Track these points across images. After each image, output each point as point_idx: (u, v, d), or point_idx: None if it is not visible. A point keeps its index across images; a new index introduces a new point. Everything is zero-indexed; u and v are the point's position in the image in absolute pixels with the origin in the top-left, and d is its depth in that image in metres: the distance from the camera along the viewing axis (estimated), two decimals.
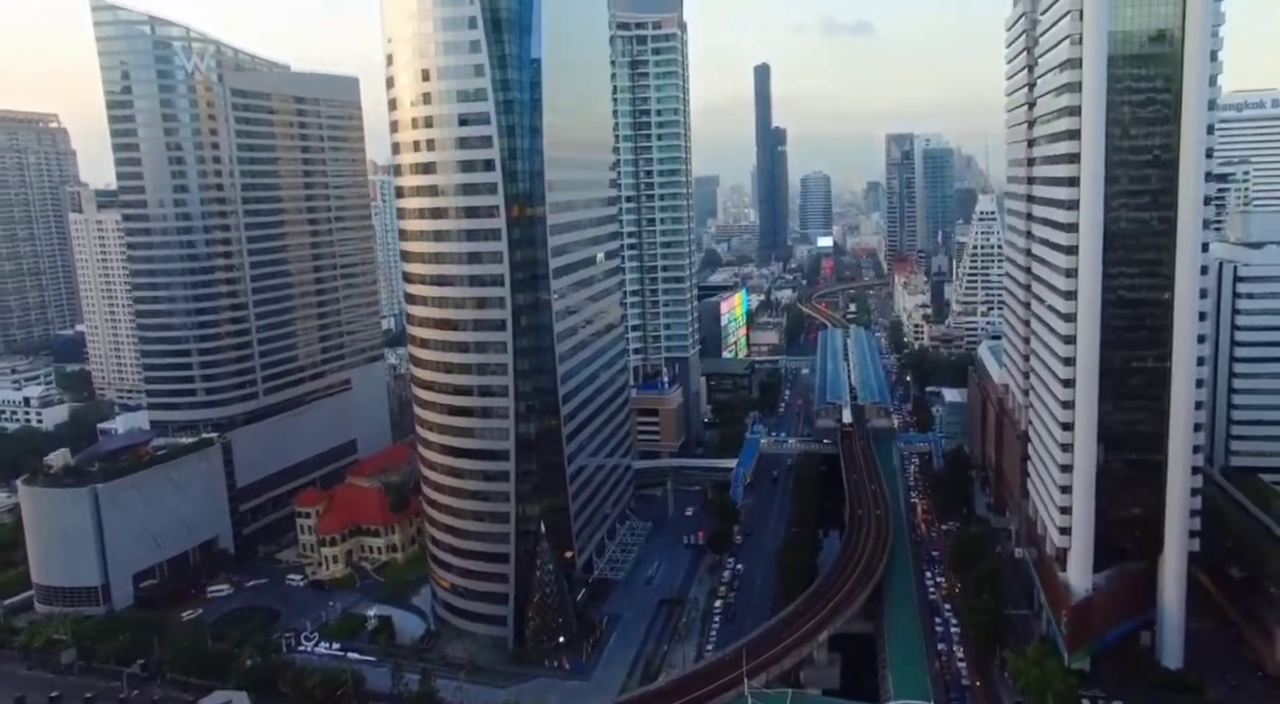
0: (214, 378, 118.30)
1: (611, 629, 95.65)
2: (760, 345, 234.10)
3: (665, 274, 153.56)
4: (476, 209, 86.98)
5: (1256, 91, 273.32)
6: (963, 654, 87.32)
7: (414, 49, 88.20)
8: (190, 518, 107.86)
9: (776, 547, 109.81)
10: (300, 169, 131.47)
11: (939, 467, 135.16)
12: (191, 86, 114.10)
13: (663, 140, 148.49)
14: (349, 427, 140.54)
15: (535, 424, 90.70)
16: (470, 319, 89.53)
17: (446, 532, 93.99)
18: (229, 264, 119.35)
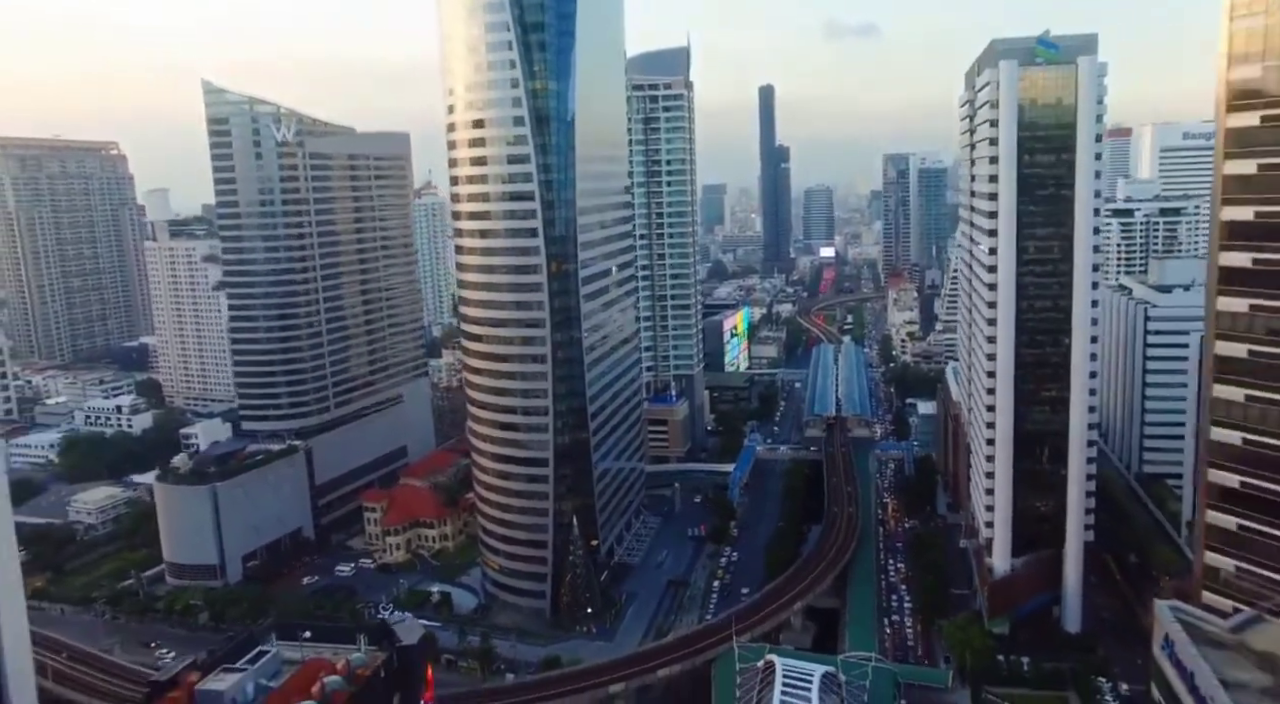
0: (295, 394, 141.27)
1: (629, 604, 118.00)
2: (761, 358, 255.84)
3: (674, 302, 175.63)
4: (523, 267, 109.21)
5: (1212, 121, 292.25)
6: (912, 623, 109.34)
7: (471, 138, 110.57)
8: (281, 511, 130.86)
9: (766, 539, 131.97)
10: (359, 212, 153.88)
11: (909, 472, 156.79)
12: (279, 152, 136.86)
13: (672, 186, 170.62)
14: (400, 434, 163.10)
15: (569, 437, 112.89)
16: (517, 353, 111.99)
17: (496, 523, 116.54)
18: (307, 297, 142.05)
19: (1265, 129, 45.78)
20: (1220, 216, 46.27)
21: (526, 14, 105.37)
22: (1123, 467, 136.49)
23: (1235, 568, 46.30)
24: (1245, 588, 45.97)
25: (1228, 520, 46.02)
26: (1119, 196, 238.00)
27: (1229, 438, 45.06)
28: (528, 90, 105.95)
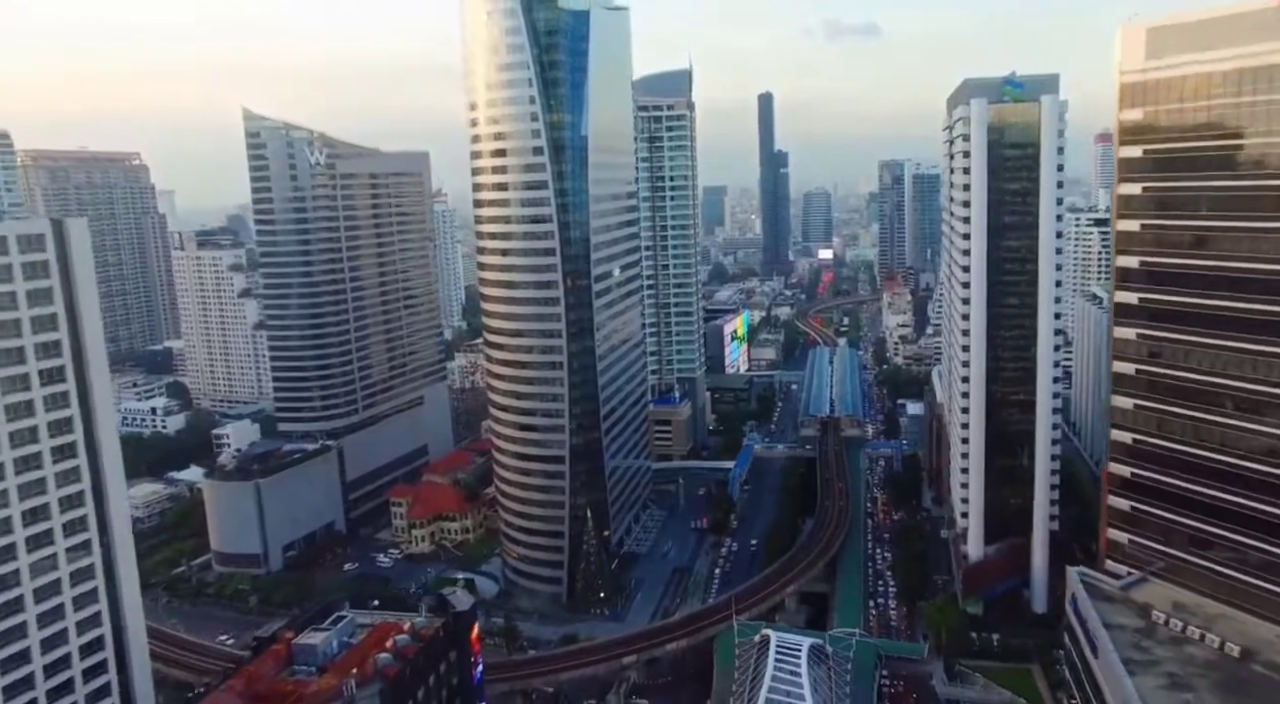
0: (327, 397, 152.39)
1: (637, 589, 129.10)
2: (760, 360, 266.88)
3: (677, 309, 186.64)
4: (541, 282, 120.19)
5: None
6: (896, 605, 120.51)
7: (494, 166, 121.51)
8: (317, 505, 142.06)
9: (764, 531, 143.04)
10: (383, 227, 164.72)
11: (898, 468, 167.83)
12: (312, 173, 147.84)
13: (674, 201, 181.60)
14: (422, 434, 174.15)
15: (582, 437, 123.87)
16: (536, 361, 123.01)
17: (517, 515, 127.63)
18: (337, 307, 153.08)
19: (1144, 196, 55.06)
20: (1115, 263, 57.02)
21: (545, 54, 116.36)
22: (1093, 463, 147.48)
23: (1129, 541, 56.85)
24: (1137, 556, 56.55)
25: (1124, 503, 56.42)
26: (1101, 206, 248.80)
27: (1123, 438, 55.36)
28: (546, 123, 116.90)
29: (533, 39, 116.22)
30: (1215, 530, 52.01)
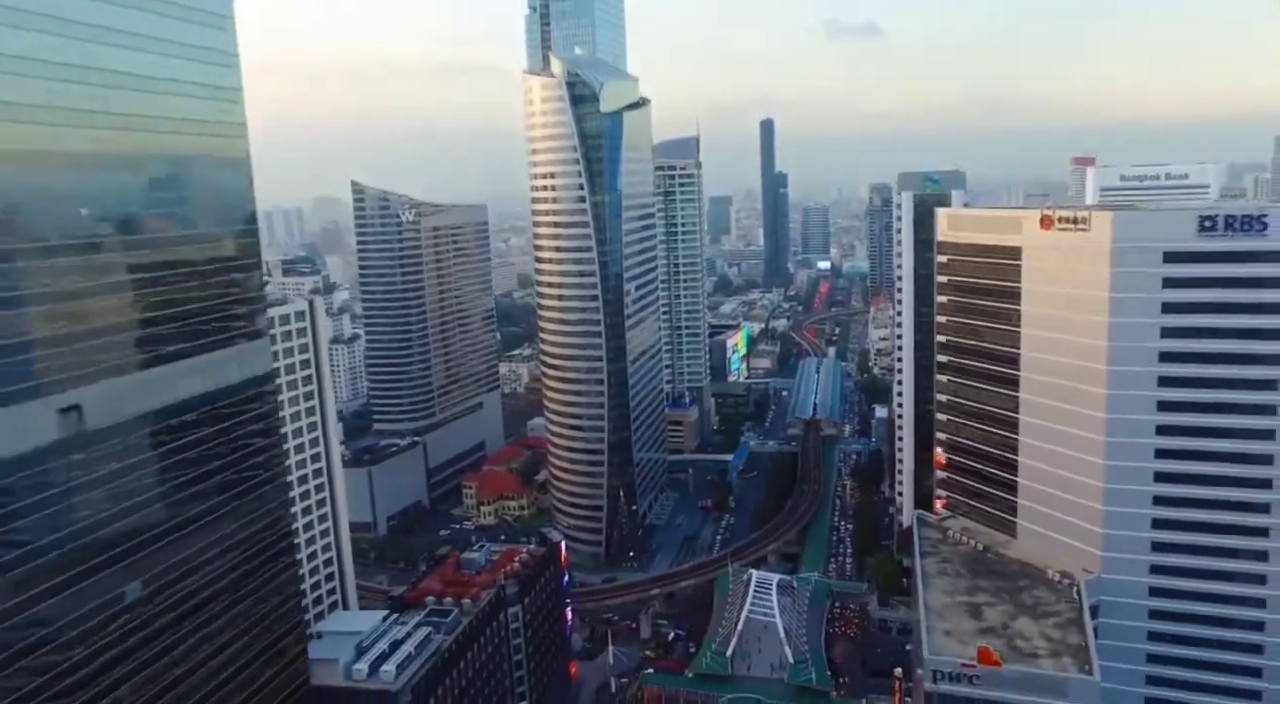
0: (414, 402, 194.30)
1: (657, 550, 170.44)
2: (758, 369, 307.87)
3: (687, 330, 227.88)
4: (586, 320, 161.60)
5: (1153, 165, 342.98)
6: (851, 561, 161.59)
7: (552, 233, 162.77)
8: (409, 486, 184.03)
9: (755, 508, 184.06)
10: (452, 265, 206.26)
11: (865, 462, 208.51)
12: (402, 228, 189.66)
13: (685, 243, 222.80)
14: (481, 432, 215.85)
15: (616, 435, 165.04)
16: (582, 378, 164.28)
17: (566, 494, 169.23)
18: (421, 330, 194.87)
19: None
20: (936, 340, 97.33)
21: (590, 151, 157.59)
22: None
23: (945, 495, 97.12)
24: (949, 503, 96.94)
25: (943, 474, 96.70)
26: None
27: (941, 437, 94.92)
28: (590, 202, 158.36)
29: (580, 140, 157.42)
30: (981, 488, 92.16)
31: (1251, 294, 71.80)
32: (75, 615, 50.64)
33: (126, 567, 53.32)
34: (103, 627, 52.45)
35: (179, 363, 57.88)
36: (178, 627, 56.70)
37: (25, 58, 49.17)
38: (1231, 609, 75.52)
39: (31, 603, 48.42)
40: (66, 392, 49.30)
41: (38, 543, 48.69)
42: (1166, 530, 76.75)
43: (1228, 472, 74.21)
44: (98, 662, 52.06)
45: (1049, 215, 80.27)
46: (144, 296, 57.73)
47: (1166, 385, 75.17)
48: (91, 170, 54.66)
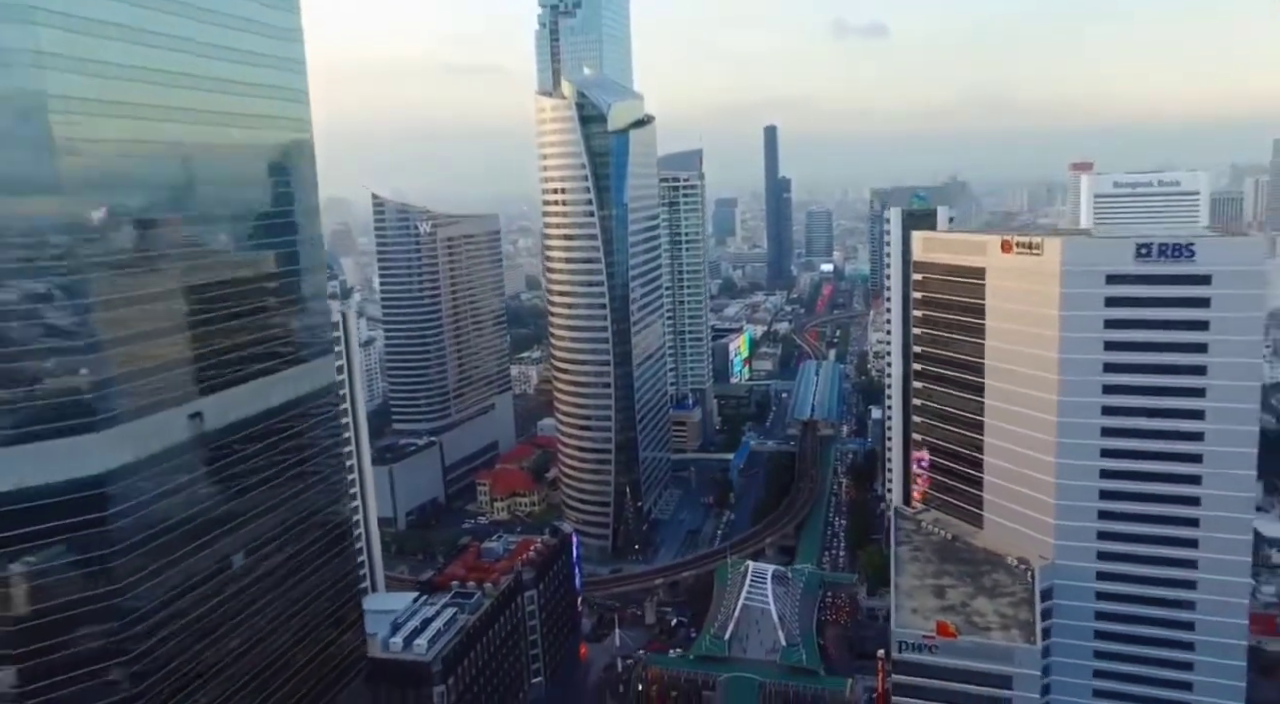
0: (430, 404, 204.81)
1: (661, 544, 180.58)
2: (760, 371, 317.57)
3: (690, 334, 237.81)
4: (594, 327, 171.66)
5: (1146, 172, 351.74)
6: (844, 554, 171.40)
7: (562, 245, 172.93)
8: (427, 483, 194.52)
9: (754, 505, 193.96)
10: (467, 274, 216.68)
11: (860, 461, 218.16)
12: (419, 238, 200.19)
13: (689, 251, 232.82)
14: (494, 432, 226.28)
15: (623, 435, 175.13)
16: (591, 382, 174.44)
17: (576, 490, 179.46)
18: (437, 335, 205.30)
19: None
20: (913, 350, 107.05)
21: (597, 170, 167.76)
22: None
23: (922, 490, 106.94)
24: (925, 497, 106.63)
25: (918, 470, 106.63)
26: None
27: (918, 438, 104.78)
28: (599, 217, 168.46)
29: (588, 157, 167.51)
30: (952, 483, 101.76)
31: (1181, 312, 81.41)
32: (200, 576, 62.95)
33: (234, 540, 64.43)
34: (219, 588, 64.75)
35: (269, 377, 69.58)
36: (268, 591, 67.96)
37: (144, 67, 60.04)
38: (1167, 590, 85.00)
39: (172, 565, 60.96)
40: (193, 401, 60.73)
41: (175, 518, 61.10)
42: (1111, 521, 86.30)
43: (1162, 469, 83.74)
44: (217, 613, 64.34)
45: (1008, 241, 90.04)
46: (247, 323, 69.58)
47: (1109, 392, 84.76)
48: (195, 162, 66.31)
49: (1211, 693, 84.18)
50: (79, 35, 54.49)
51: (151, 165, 62.68)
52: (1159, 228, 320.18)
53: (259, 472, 68.82)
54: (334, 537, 79.66)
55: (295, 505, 74.08)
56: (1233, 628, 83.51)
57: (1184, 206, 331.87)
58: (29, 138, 53.33)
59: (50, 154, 53.87)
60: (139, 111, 59.85)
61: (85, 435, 53.76)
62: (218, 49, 66.81)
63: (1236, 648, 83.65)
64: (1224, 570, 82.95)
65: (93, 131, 56.06)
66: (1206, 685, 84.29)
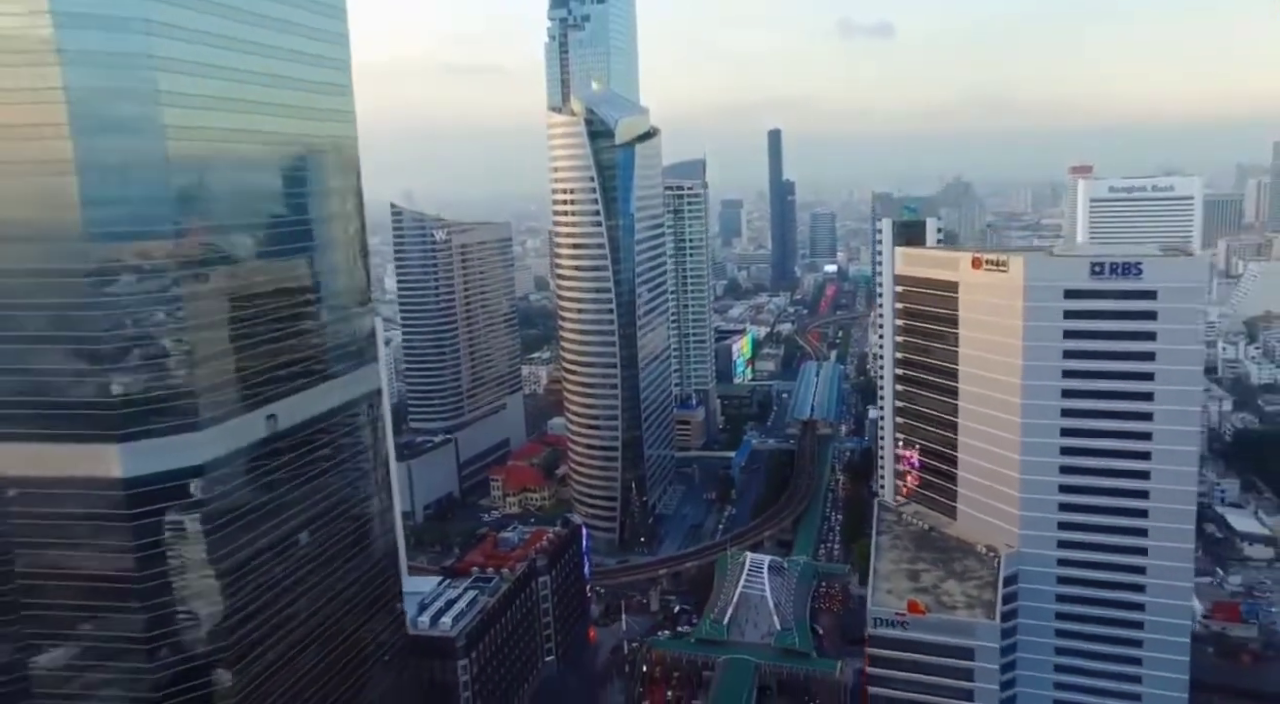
0: (445, 403, 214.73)
1: (666, 537, 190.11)
2: (762, 371, 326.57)
3: (694, 337, 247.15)
4: (602, 331, 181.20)
5: (1141, 177, 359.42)
6: (839, 547, 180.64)
7: (571, 254, 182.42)
8: (443, 479, 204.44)
9: (754, 501, 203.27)
10: (479, 278, 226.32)
11: (856, 459, 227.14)
12: (435, 245, 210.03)
13: (693, 257, 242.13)
14: (505, 430, 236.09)
15: (629, 433, 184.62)
16: (598, 383, 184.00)
17: (584, 485, 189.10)
18: (452, 337, 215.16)
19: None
20: (895, 356, 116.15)
21: (605, 183, 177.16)
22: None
23: (901, 485, 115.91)
24: (908, 492, 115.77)
25: (900, 467, 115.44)
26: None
27: (899, 437, 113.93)
28: (606, 226, 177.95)
29: (597, 171, 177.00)
30: (930, 478, 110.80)
31: (1131, 324, 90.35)
32: (273, 550, 73.87)
33: (299, 521, 75.00)
34: (287, 560, 75.68)
35: (329, 382, 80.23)
36: (325, 566, 78.40)
37: (222, 66, 70.55)
38: (1120, 575, 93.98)
39: (252, 540, 72.08)
40: (269, 405, 71.49)
41: (254, 501, 72.25)
42: (1070, 512, 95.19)
43: (1115, 465, 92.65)
44: (286, 581, 75.31)
45: (978, 258, 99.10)
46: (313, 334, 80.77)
47: (1068, 396, 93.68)
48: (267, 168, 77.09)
49: (1159, 668, 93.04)
50: (182, 42, 66.14)
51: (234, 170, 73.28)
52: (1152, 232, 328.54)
53: (319, 464, 79.44)
54: (378, 521, 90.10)
55: (347, 493, 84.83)
56: (1177, 609, 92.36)
57: (1178, 211, 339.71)
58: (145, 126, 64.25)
59: (161, 140, 64.57)
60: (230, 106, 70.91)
61: (189, 434, 65.31)
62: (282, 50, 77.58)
63: (1180, 626, 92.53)
64: (1170, 557, 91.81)
65: (195, 121, 67.46)
66: (1154, 660, 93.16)
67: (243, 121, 72.16)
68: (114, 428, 63.17)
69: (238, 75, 71.37)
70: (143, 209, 65.06)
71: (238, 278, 71.79)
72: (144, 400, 63.53)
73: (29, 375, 62.67)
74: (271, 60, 75.24)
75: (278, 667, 73.96)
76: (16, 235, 62.27)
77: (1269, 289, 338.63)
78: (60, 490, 63.40)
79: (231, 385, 69.08)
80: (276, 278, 75.71)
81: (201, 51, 67.53)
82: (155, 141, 63.87)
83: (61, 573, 64.28)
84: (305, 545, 75.72)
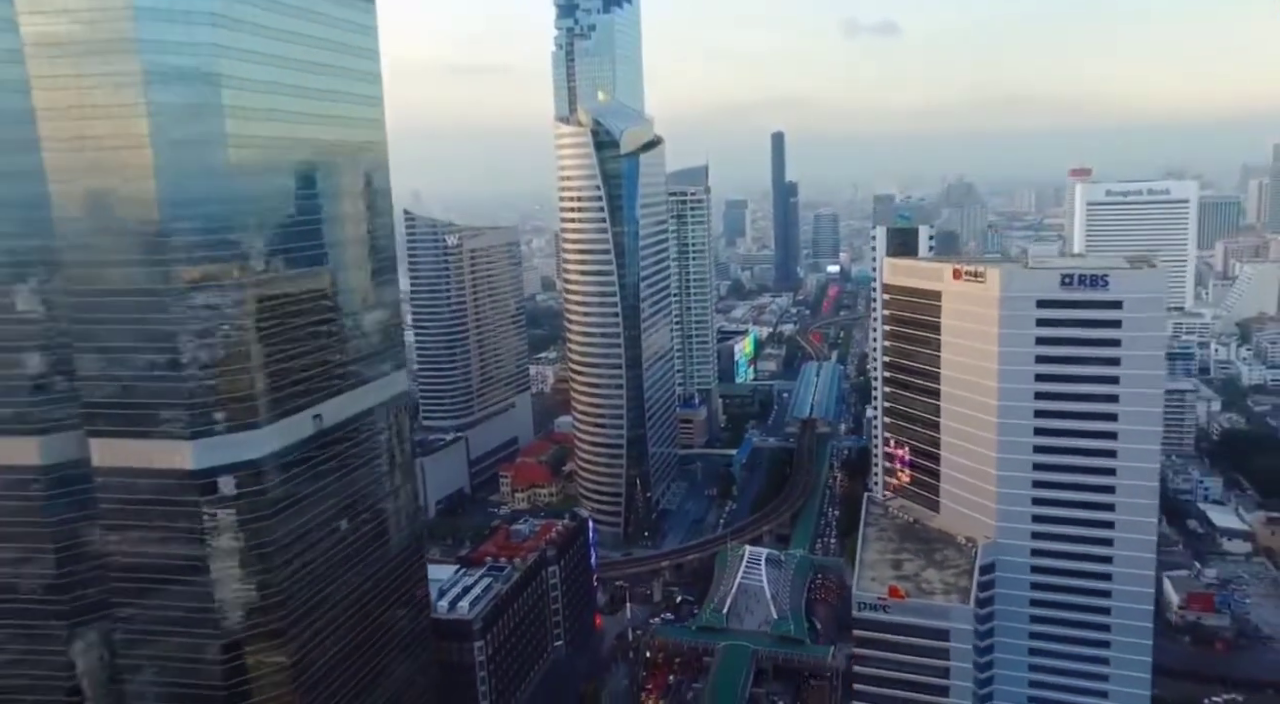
0: (456, 401, 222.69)
1: (669, 531, 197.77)
2: (764, 371, 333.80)
3: (697, 338, 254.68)
4: (607, 332, 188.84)
5: (1137, 181, 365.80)
6: (836, 541, 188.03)
7: (578, 259, 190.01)
8: (454, 475, 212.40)
9: (755, 497, 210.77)
10: (488, 281, 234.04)
11: (854, 457, 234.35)
12: (447, 249, 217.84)
13: (695, 261, 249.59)
14: (514, 429, 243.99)
15: (634, 431, 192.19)
16: (604, 382, 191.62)
17: (591, 481, 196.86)
18: (463, 338, 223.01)
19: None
20: (881, 360, 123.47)
21: (610, 191, 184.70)
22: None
23: (889, 480, 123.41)
24: (895, 488, 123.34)
25: (888, 463, 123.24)
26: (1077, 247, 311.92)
27: (887, 436, 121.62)
28: (612, 233, 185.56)
29: (603, 180, 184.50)
30: (915, 474, 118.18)
31: (1098, 332, 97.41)
32: (319, 534, 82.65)
33: (340, 509, 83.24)
34: (330, 543, 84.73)
35: (365, 386, 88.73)
36: (362, 550, 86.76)
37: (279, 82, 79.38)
38: (1089, 564, 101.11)
39: (301, 525, 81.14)
40: (316, 406, 79.40)
41: (303, 492, 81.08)
42: (1042, 506, 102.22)
43: (1084, 462, 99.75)
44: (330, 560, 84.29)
45: (958, 269, 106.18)
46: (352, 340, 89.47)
47: (1041, 398, 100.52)
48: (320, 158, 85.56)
49: (1125, 650, 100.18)
50: (241, 61, 74.47)
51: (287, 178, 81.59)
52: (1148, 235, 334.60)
53: (356, 459, 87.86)
54: (405, 512, 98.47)
55: (379, 485, 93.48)
56: (1140, 595, 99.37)
57: (1173, 214, 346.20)
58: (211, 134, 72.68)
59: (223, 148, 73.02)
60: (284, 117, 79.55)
61: (251, 431, 74.15)
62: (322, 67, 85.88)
63: (1143, 611, 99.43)
64: (1134, 547, 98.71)
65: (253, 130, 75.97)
66: (1121, 643, 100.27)
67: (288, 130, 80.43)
68: (186, 426, 72.64)
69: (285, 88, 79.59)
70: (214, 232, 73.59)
71: (291, 290, 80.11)
72: (213, 403, 72.57)
73: (119, 381, 72.21)
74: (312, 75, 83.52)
75: (321, 638, 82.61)
76: (109, 260, 71.52)
77: (1262, 291, 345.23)
78: (141, 480, 73.28)
79: (285, 389, 77.62)
80: (324, 289, 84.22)
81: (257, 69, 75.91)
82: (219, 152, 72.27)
83: (142, 550, 73.99)
84: (344, 531, 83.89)
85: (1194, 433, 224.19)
